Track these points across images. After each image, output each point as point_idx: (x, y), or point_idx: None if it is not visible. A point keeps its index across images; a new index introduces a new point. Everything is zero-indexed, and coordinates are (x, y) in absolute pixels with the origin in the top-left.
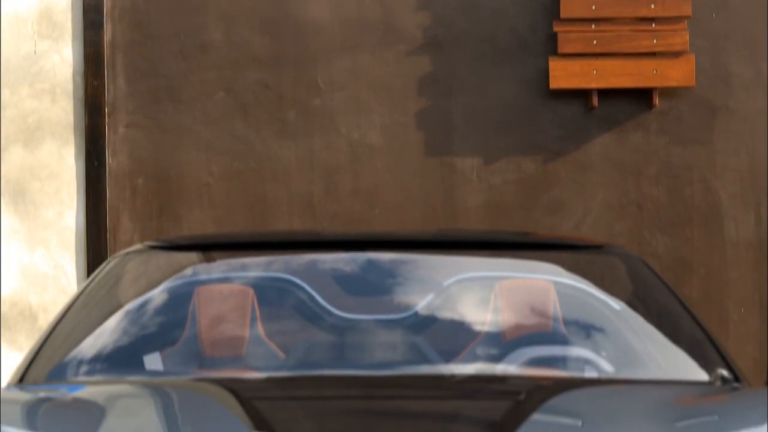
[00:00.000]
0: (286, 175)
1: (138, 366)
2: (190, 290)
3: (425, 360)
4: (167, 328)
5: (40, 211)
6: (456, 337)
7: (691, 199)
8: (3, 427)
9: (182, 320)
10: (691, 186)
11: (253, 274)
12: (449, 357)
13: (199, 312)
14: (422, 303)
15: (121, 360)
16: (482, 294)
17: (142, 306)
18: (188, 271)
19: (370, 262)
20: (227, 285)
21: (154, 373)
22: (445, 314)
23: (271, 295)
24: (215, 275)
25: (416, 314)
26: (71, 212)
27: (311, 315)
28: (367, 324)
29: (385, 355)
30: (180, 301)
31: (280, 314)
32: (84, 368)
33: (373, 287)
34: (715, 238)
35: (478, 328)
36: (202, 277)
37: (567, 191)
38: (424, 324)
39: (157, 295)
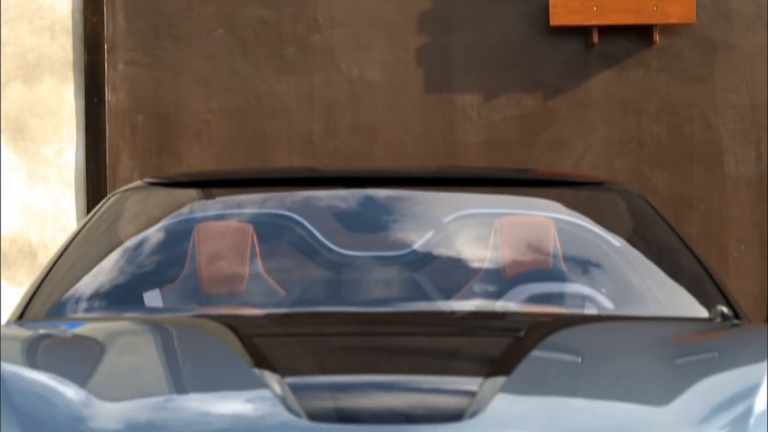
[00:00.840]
0: (286, 111)
1: (137, 303)
2: (190, 227)
3: (425, 297)
4: (167, 265)
5: (39, 148)
6: (455, 273)
7: (691, 136)
8: (3, 364)
9: (182, 257)
10: (691, 123)
11: (253, 210)
12: (449, 294)
13: (199, 249)
14: (422, 240)
15: (120, 297)
16: (482, 231)
17: (142, 243)
18: (188, 207)
19: (370, 199)
20: (227, 222)
21: (154, 310)
22: (445, 251)
23: (270, 232)
24: (215, 212)
25: (416, 251)
26: (71, 149)
27: (311, 252)
28: (366, 261)
29: (384, 291)
30: (179, 237)
31: (280, 251)
32: (83, 305)
33: (372, 224)
34: (715, 175)
35: (477, 265)
36: (202, 213)
37: (567, 128)
38: (423, 261)
39: (157, 231)
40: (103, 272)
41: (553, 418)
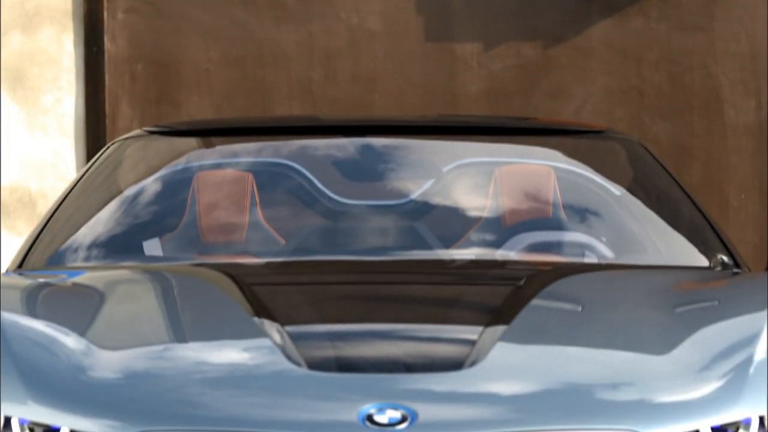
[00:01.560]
0: (286, 60)
1: (137, 251)
2: (189, 176)
3: (425, 245)
4: (166, 213)
5: (38, 97)
6: (455, 222)
7: (691, 85)
8: (3, 313)
9: (181, 206)
10: (691, 72)
11: (252, 159)
12: (449, 242)
13: (199, 197)
14: (422, 188)
15: (120, 246)
16: (482, 179)
17: (141, 192)
18: (187, 156)
19: (370, 147)
20: (226, 170)
21: (153, 259)
22: (445, 200)
23: (270, 181)
24: (214, 161)
25: (415, 199)
26: (70, 98)
27: (311, 200)
28: (366, 209)
29: (384, 240)
30: (179, 186)
31: (280, 200)
32: (83, 254)
33: (372, 172)
34: (715, 124)
35: (477, 213)
36: (201, 162)
37: (567, 77)
38: (423, 209)
39: (156, 180)
40: (103, 221)
41: (552, 367)
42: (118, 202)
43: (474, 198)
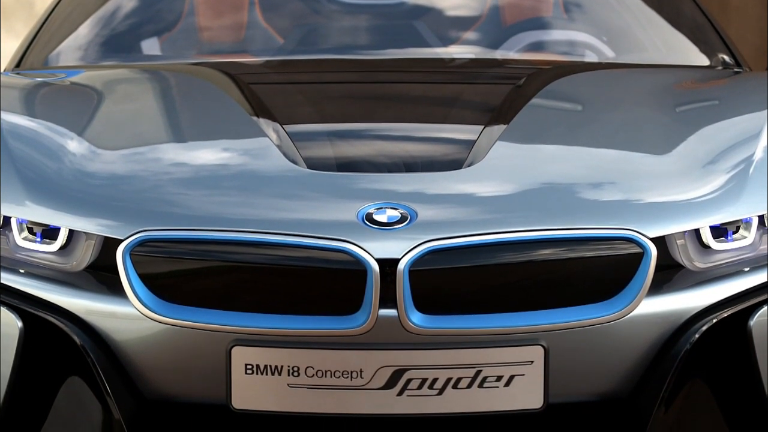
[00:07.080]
0: None
1: (136, 51)
2: None
3: (424, 43)
4: (164, 13)
5: None
6: (455, 21)
7: None
8: (1, 113)
9: (179, 5)
10: None
11: None
12: (448, 41)
13: None
14: None
15: (118, 45)
16: None
17: None
18: None
19: None
20: None
21: (152, 58)
22: None
23: None
24: None
25: None
26: None
27: None
28: (366, 8)
29: (383, 38)
30: None
31: None
32: (81, 53)
33: None
34: None
35: (477, 12)
36: None
37: None
38: (423, 8)
39: None
40: (101, 21)
41: (551, 167)
42: (116, 2)
43: None
